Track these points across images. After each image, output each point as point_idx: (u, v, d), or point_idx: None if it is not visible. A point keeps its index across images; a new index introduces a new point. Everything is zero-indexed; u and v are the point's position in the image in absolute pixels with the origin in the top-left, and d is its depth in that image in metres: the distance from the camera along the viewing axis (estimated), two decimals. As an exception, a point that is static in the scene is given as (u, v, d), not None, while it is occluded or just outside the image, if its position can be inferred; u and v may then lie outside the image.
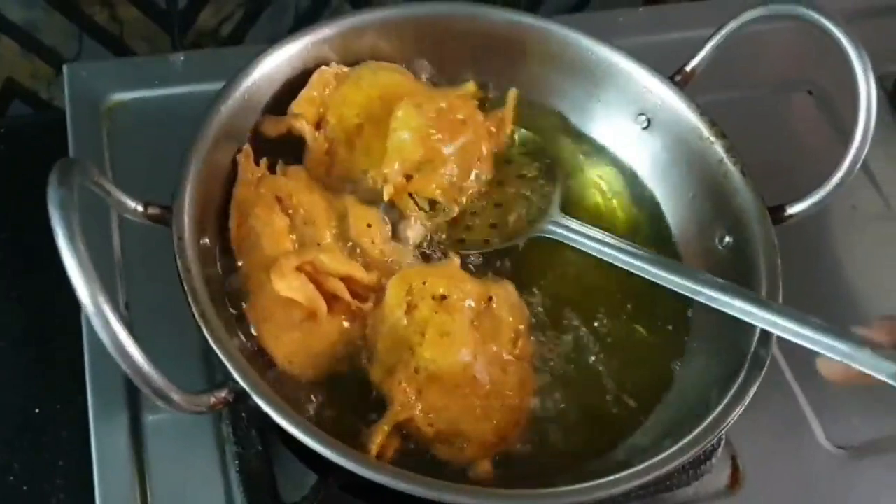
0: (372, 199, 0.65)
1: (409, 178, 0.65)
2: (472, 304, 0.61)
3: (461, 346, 0.58)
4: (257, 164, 0.65)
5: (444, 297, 0.60)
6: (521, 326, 0.62)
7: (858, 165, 0.62)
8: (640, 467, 0.53)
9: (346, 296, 0.60)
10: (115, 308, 0.45)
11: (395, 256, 0.64)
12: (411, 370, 0.58)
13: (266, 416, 0.51)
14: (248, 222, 0.62)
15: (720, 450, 0.67)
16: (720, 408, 0.56)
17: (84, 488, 0.65)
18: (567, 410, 0.61)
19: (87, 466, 0.65)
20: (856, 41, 0.62)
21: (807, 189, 0.66)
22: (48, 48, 0.91)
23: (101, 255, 0.71)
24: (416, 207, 0.66)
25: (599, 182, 0.73)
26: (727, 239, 0.66)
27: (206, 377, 0.65)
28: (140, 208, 0.56)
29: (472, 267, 0.66)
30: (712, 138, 0.68)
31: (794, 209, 0.65)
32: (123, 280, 0.71)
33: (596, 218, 0.71)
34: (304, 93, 0.68)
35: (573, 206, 0.71)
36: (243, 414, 0.62)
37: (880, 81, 0.95)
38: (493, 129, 0.71)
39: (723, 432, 0.55)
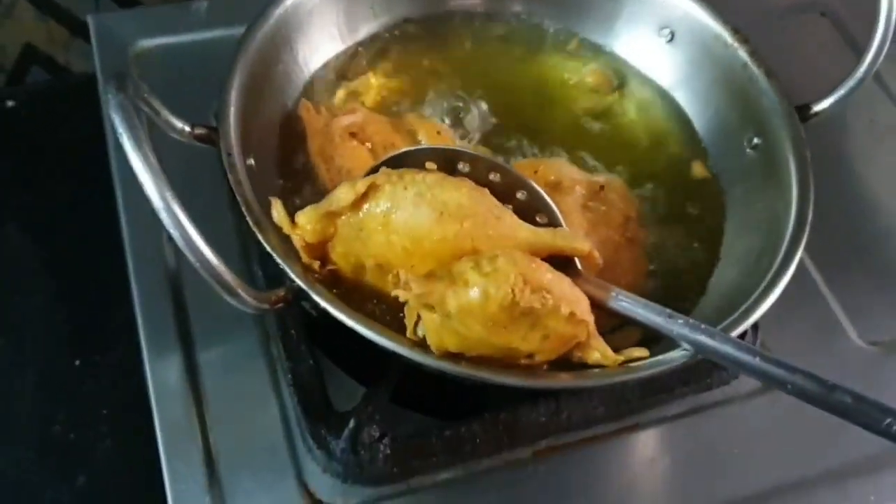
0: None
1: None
2: (583, 190, 0.64)
3: (573, 224, 0.60)
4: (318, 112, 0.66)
5: (556, 183, 0.63)
6: (632, 213, 0.65)
7: (882, 57, 0.64)
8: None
9: None
10: (183, 206, 0.46)
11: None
12: None
13: (315, 331, 0.52)
14: (335, 164, 0.63)
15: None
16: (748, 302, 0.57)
17: (130, 432, 0.66)
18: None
19: (132, 412, 0.66)
20: None
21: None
22: (64, 10, 0.91)
23: None
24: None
25: (625, 98, 0.74)
26: (755, 140, 0.67)
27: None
28: (187, 128, 0.57)
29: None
30: (736, 44, 0.69)
31: (819, 107, 0.66)
32: None
33: (625, 132, 0.72)
34: (321, 206, 0.55)
35: (601, 125, 0.72)
36: (293, 331, 0.63)
37: None
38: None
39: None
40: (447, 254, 0.53)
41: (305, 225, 0.54)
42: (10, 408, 0.68)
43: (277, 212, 0.55)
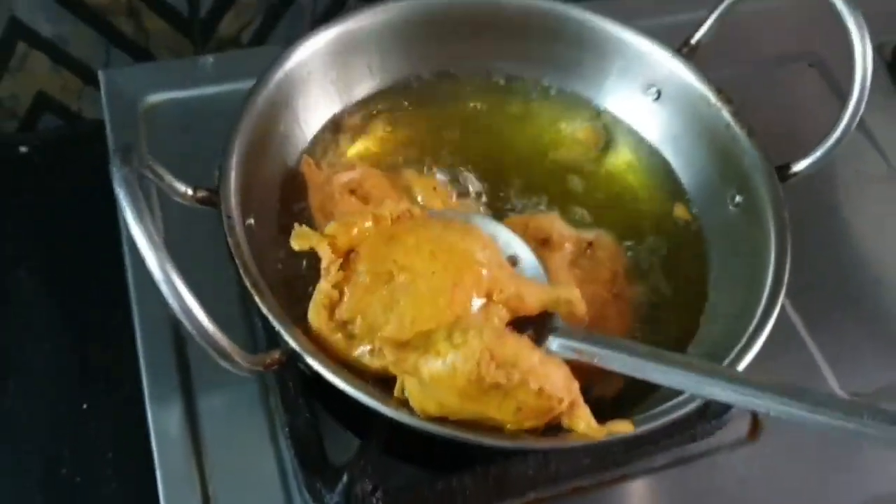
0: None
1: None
2: (572, 247, 0.66)
3: (561, 282, 0.62)
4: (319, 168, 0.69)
5: (545, 240, 0.65)
6: (620, 269, 0.67)
7: (858, 118, 0.65)
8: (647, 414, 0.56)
9: None
10: (182, 276, 0.48)
11: (464, 210, 0.69)
12: None
13: (312, 385, 0.54)
14: (334, 220, 0.64)
15: None
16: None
17: (135, 476, 0.67)
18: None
19: (136, 456, 0.67)
20: (853, 7, 0.66)
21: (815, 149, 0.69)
22: (76, 60, 0.93)
23: None
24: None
25: (616, 153, 0.76)
26: (738, 198, 0.69)
27: (250, 346, 0.67)
28: (189, 192, 0.59)
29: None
30: (719, 104, 0.71)
31: (798, 167, 0.68)
32: None
33: (613, 186, 0.74)
34: (350, 218, 0.60)
35: (591, 180, 0.74)
36: (290, 384, 0.64)
37: (879, 50, 1.00)
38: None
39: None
40: (460, 299, 0.56)
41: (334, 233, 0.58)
42: (18, 448, 0.69)
43: (298, 233, 0.58)
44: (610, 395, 0.61)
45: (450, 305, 0.55)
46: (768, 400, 0.51)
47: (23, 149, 0.87)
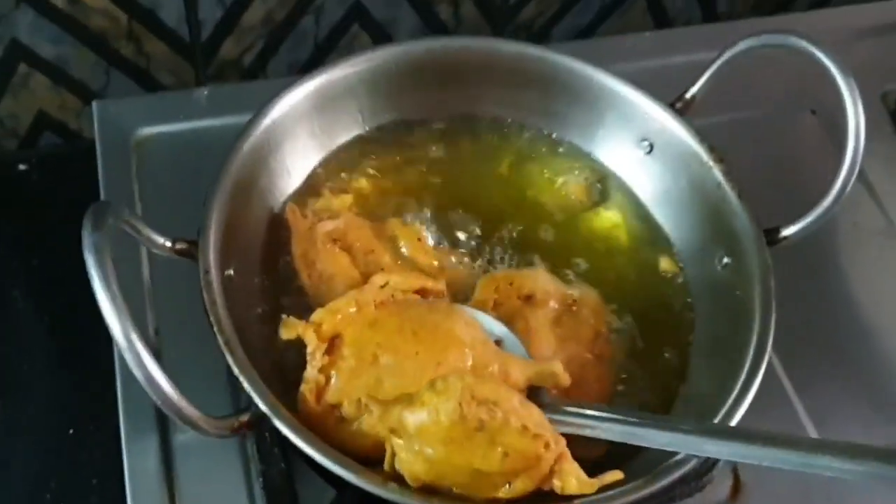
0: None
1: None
2: (556, 304, 0.66)
3: (542, 339, 0.63)
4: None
5: (529, 297, 0.65)
6: (603, 329, 0.67)
7: (848, 189, 0.65)
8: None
9: None
10: (146, 342, 0.48)
11: (448, 261, 0.70)
12: None
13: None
14: (317, 269, 0.66)
15: (722, 462, 0.69)
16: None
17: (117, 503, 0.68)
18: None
19: (119, 484, 0.67)
20: (844, 68, 0.65)
21: (811, 206, 0.69)
22: (77, 81, 0.94)
23: (133, 284, 0.74)
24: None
25: (606, 206, 0.76)
26: (726, 260, 0.69)
27: (232, 397, 0.68)
28: (168, 244, 0.59)
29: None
30: (711, 163, 0.70)
31: (787, 231, 0.67)
32: (153, 307, 0.74)
33: (601, 241, 0.74)
34: (334, 304, 0.60)
35: (580, 231, 0.74)
36: (266, 434, 0.65)
37: (883, 98, 0.99)
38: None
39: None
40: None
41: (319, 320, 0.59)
42: (6, 470, 0.70)
43: (286, 323, 0.60)
44: (593, 458, 0.61)
45: None
46: (767, 451, 0.52)
47: (22, 166, 0.88)
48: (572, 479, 0.55)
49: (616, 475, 0.56)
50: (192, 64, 0.96)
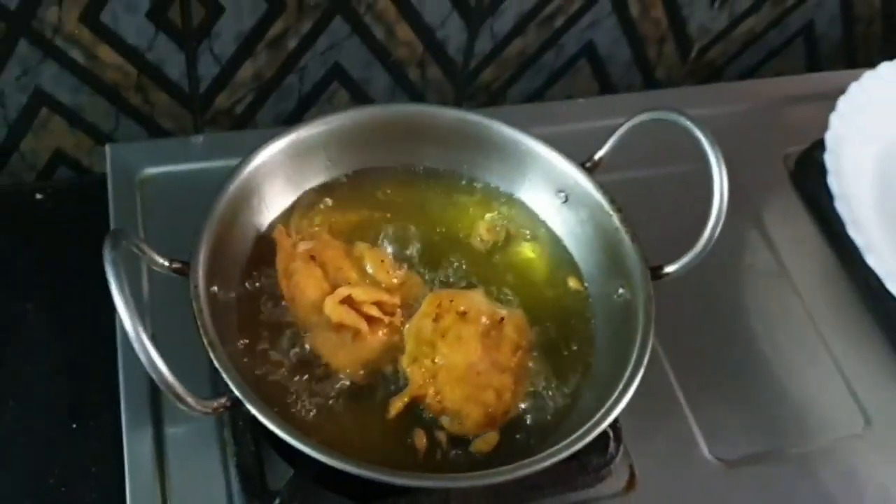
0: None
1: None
2: (486, 320, 0.77)
3: (470, 348, 0.75)
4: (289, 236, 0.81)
5: (464, 313, 0.77)
6: (524, 344, 0.77)
7: (714, 238, 0.76)
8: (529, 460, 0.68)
9: (380, 315, 0.77)
10: (150, 337, 0.60)
11: (407, 280, 0.81)
12: (430, 360, 0.74)
13: (258, 422, 0.66)
14: (294, 280, 0.76)
15: (619, 457, 0.77)
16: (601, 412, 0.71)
17: (112, 489, 0.75)
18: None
19: (115, 472, 0.74)
20: (712, 140, 0.76)
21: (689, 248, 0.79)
22: (90, 124, 1.01)
23: (134, 296, 0.81)
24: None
25: (529, 243, 0.88)
26: (621, 291, 0.79)
27: (213, 389, 0.76)
28: (166, 263, 0.70)
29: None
30: (611, 211, 0.81)
31: (669, 269, 0.78)
32: (150, 316, 0.83)
33: (526, 272, 0.85)
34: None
35: (510, 262, 0.86)
36: (240, 422, 0.76)
37: (784, 159, 1.08)
38: None
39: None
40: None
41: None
42: (12, 461, 0.76)
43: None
44: (486, 451, 0.73)
45: None
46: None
47: (38, 195, 0.95)
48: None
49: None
50: (190, 112, 1.04)
